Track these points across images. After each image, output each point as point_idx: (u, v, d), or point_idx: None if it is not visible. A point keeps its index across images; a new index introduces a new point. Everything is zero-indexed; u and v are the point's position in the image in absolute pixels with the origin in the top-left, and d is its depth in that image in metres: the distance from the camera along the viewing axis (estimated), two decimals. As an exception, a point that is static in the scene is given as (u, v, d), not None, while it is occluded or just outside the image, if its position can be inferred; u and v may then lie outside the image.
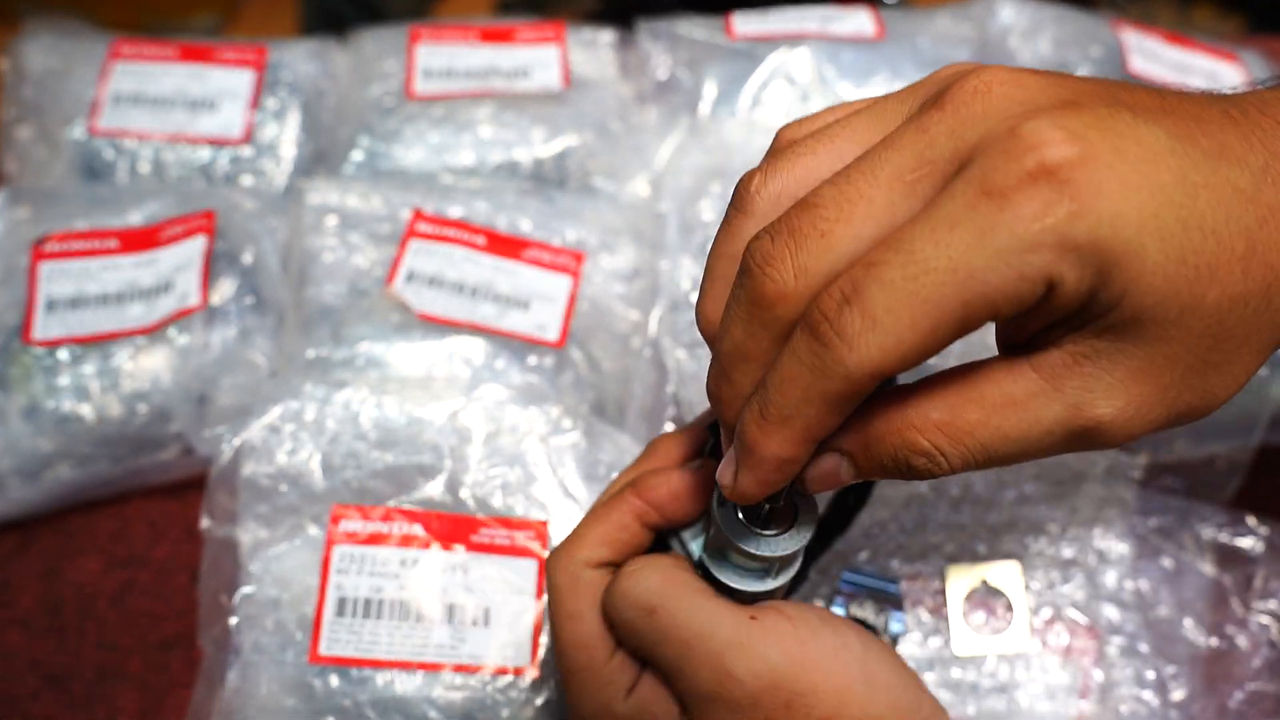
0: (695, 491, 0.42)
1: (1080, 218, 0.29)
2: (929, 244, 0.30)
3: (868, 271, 0.31)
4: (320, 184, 0.68)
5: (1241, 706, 0.54)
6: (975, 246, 0.30)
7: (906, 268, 0.30)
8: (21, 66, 0.75)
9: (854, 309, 0.31)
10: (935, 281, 0.30)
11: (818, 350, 0.32)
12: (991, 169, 0.30)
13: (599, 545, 0.42)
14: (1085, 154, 0.30)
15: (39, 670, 0.58)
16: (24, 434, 0.60)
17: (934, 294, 0.30)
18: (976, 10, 0.79)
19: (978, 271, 0.30)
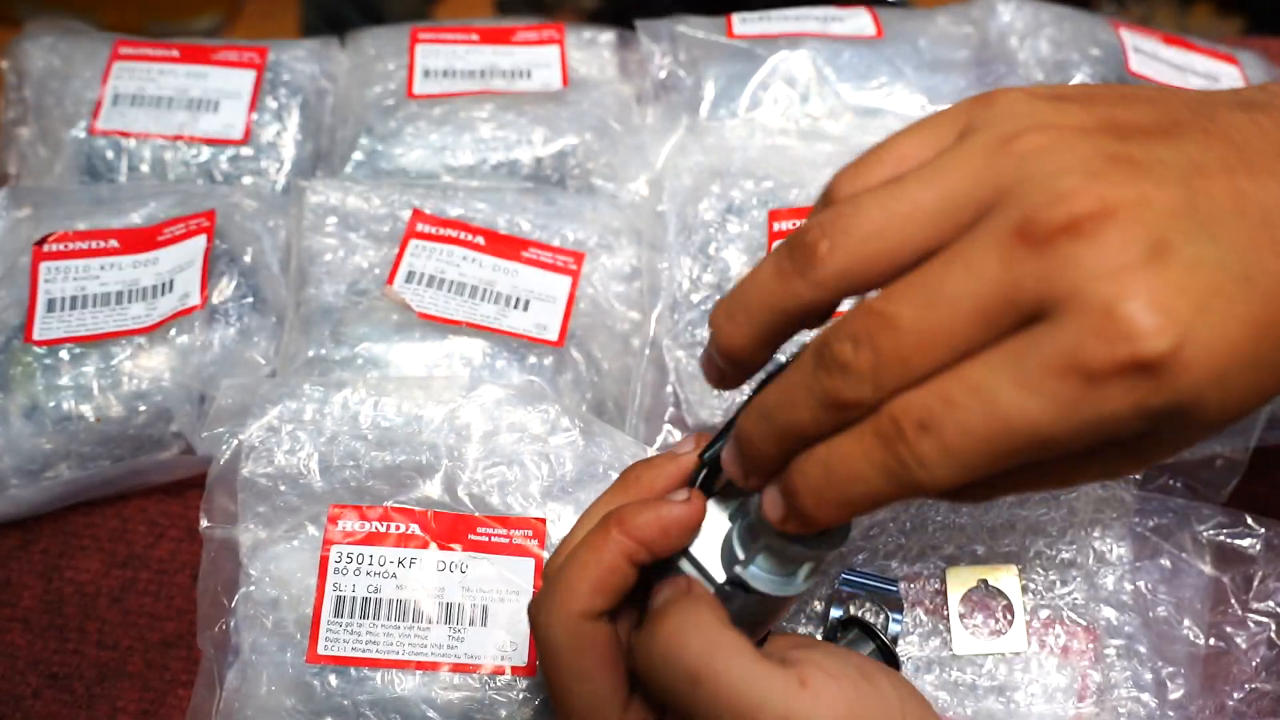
0: (686, 525, 0.40)
1: (1160, 393, 0.30)
2: (1012, 402, 0.31)
3: (947, 410, 0.32)
4: (320, 184, 0.68)
5: (1240, 706, 0.54)
6: (1056, 416, 0.31)
7: (988, 419, 0.31)
8: (22, 67, 0.75)
9: (932, 439, 0.32)
10: (1012, 432, 0.31)
11: (893, 466, 0.33)
12: (1083, 348, 0.30)
13: (594, 595, 0.39)
14: (1177, 341, 0.30)
15: (40, 669, 0.59)
16: (24, 433, 0.60)
17: (1008, 443, 0.31)
18: (976, 10, 0.79)
19: (1054, 434, 0.31)
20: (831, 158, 0.70)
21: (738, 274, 0.66)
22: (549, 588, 0.40)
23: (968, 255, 0.32)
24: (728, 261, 0.66)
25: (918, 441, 0.32)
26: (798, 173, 0.69)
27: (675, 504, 0.40)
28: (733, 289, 0.38)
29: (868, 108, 0.74)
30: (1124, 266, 0.30)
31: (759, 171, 0.69)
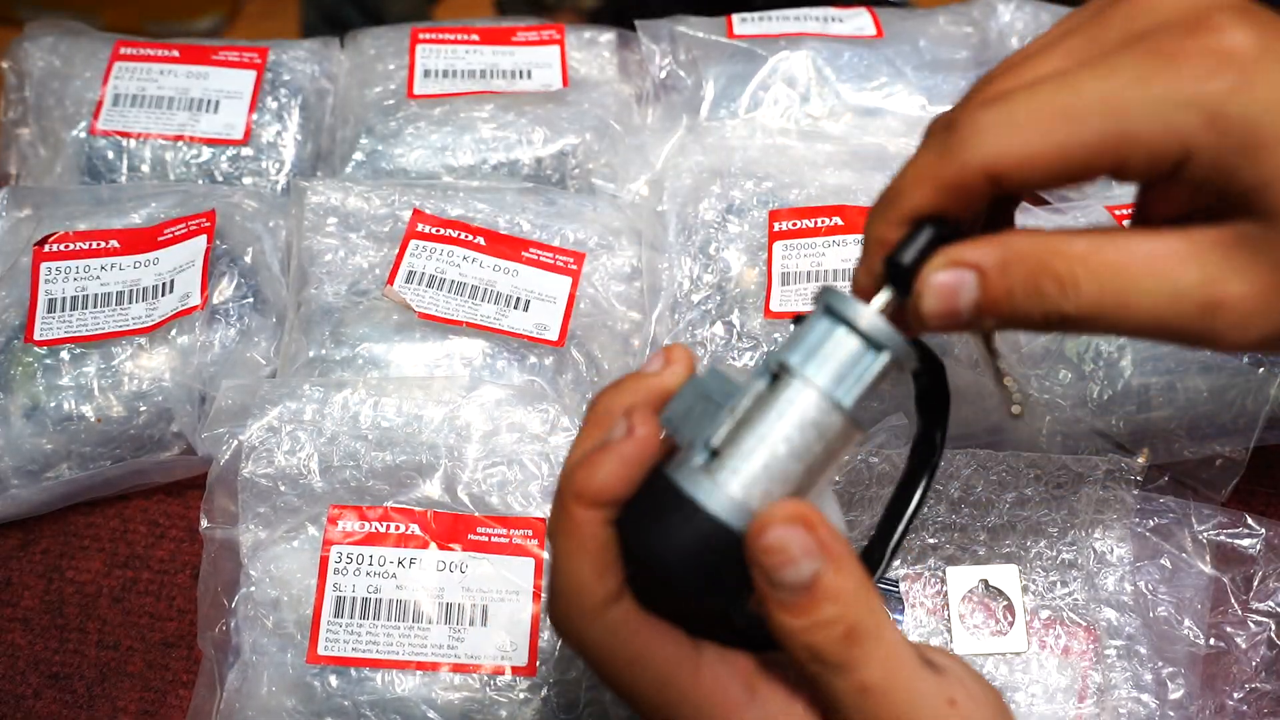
0: (644, 461, 0.35)
1: (1238, 94, 0.31)
2: (1088, 76, 0.33)
3: (1024, 87, 0.33)
4: (320, 184, 0.68)
5: (1240, 706, 0.54)
6: (1130, 87, 0.32)
7: (1060, 87, 0.33)
8: (23, 67, 0.75)
9: (994, 108, 0.33)
10: (1082, 104, 0.32)
11: (944, 136, 0.34)
12: (1167, 37, 0.32)
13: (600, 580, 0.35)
14: (1262, 46, 0.32)
15: (40, 669, 0.59)
16: (25, 433, 0.60)
17: (1078, 113, 0.32)
18: (976, 10, 0.79)
19: (1126, 110, 0.32)
20: (831, 158, 0.70)
21: (738, 274, 0.66)
22: (556, 592, 0.36)
23: (1069, 27, 0.34)
24: (728, 261, 0.66)
25: (977, 112, 0.34)
26: (798, 173, 0.69)
27: (626, 440, 0.35)
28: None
29: (868, 108, 0.74)
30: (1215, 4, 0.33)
31: (759, 171, 0.69)
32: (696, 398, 0.35)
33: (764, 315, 0.64)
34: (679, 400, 0.36)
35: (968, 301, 0.35)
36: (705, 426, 0.34)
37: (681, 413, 0.35)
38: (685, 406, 0.35)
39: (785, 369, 0.35)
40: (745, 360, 0.63)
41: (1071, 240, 0.34)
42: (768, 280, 0.65)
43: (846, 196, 0.67)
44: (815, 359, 0.35)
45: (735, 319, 0.64)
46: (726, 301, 0.65)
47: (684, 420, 0.35)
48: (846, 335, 0.35)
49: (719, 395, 0.35)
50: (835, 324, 0.35)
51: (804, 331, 0.35)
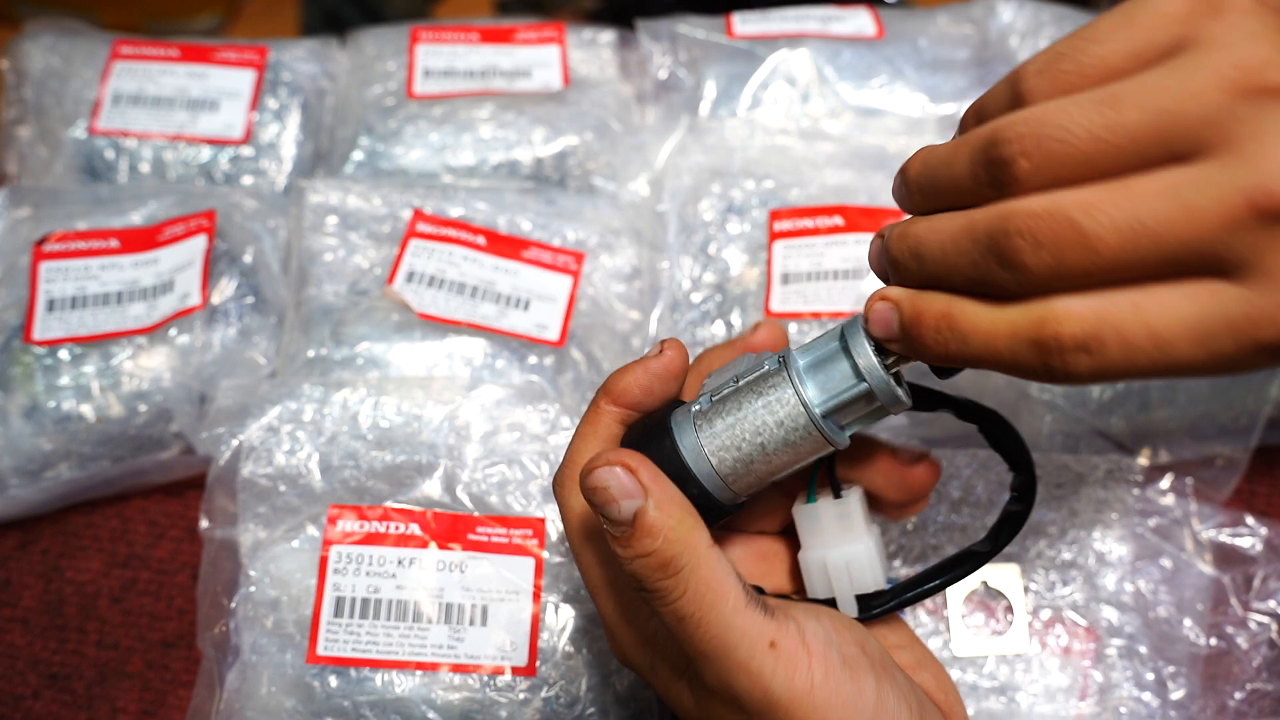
0: (673, 371, 0.41)
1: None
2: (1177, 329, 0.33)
3: (1115, 339, 0.33)
4: (320, 184, 0.68)
5: (1241, 706, 0.54)
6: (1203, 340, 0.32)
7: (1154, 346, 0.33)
8: (22, 67, 0.75)
9: (1092, 358, 0.33)
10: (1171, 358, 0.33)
11: (1035, 364, 0.35)
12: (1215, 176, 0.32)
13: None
14: None
15: (40, 669, 0.58)
16: (25, 433, 0.60)
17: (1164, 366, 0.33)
18: (976, 10, 0.79)
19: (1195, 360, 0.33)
20: (832, 157, 0.70)
21: (738, 273, 0.66)
22: (562, 465, 0.42)
23: (1187, 199, 0.31)
24: (728, 261, 0.66)
25: (1075, 359, 0.33)
26: (798, 172, 0.69)
27: (656, 357, 0.41)
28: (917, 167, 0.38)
29: (868, 107, 0.74)
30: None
31: (759, 171, 0.69)
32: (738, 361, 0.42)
33: (764, 315, 0.64)
34: (728, 367, 0.42)
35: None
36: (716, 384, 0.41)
37: (717, 373, 0.42)
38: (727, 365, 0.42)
39: (785, 362, 0.40)
40: (745, 360, 0.63)
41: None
42: (768, 280, 0.65)
43: (847, 196, 0.67)
44: (810, 364, 0.40)
45: (735, 319, 0.64)
46: (727, 301, 0.65)
47: (717, 376, 0.42)
48: (842, 358, 0.40)
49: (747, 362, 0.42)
50: (840, 345, 0.40)
51: (820, 341, 0.41)
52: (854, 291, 0.63)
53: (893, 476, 0.44)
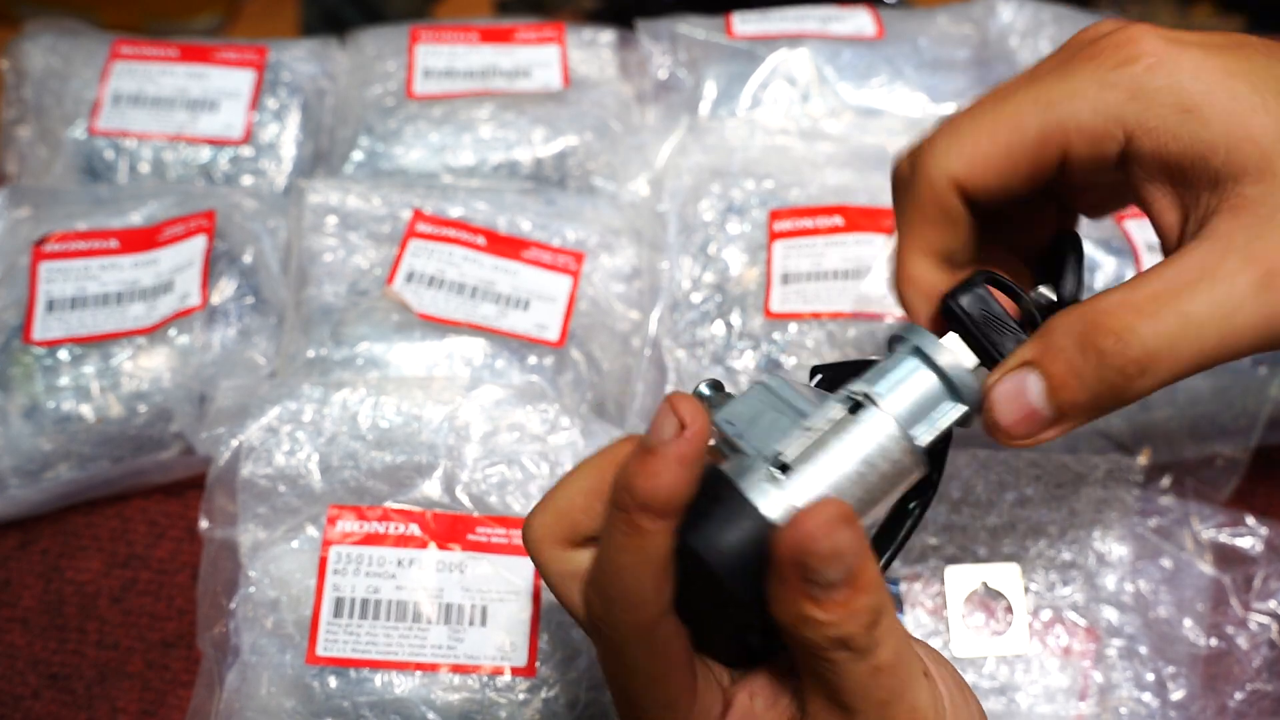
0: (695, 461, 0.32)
1: (1155, 71, 0.35)
2: (1020, 85, 0.37)
3: (963, 111, 0.38)
4: (320, 184, 0.68)
5: (1241, 707, 0.54)
6: (1058, 83, 0.36)
7: (996, 100, 0.37)
8: (22, 66, 0.75)
9: (942, 130, 0.38)
10: (1017, 107, 0.36)
11: (907, 164, 0.38)
12: (1088, 46, 0.36)
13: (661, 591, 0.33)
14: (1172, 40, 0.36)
15: (40, 669, 0.58)
16: (24, 434, 0.60)
17: (1015, 116, 0.36)
18: (976, 10, 0.79)
19: (1056, 101, 0.36)
20: (832, 157, 0.70)
21: (738, 274, 0.66)
22: (611, 600, 0.33)
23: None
24: (728, 261, 0.66)
25: (929, 137, 0.38)
26: (798, 172, 0.69)
27: (678, 442, 0.32)
28: None
29: (868, 107, 0.74)
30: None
31: (759, 171, 0.69)
32: (763, 406, 0.36)
33: (764, 315, 0.64)
34: (743, 404, 0.36)
35: (1037, 396, 0.35)
36: (774, 438, 0.34)
37: (748, 418, 0.35)
38: (751, 412, 0.35)
39: (869, 399, 0.35)
40: (745, 359, 0.63)
41: (1107, 296, 0.35)
42: (768, 280, 0.65)
43: (847, 196, 0.67)
44: (898, 395, 0.36)
45: (735, 319, 0.64)
46: (727, 301, 0.65)
47: (750, 426, 0.35)
48: (931, 379, 0.36)
49: (786, 409, 0.35)
50: (921, 365, 0.37)
51: (889, 367, 0.37)
52: (854, 291, 0.63)
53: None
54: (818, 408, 0.35)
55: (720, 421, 0.35)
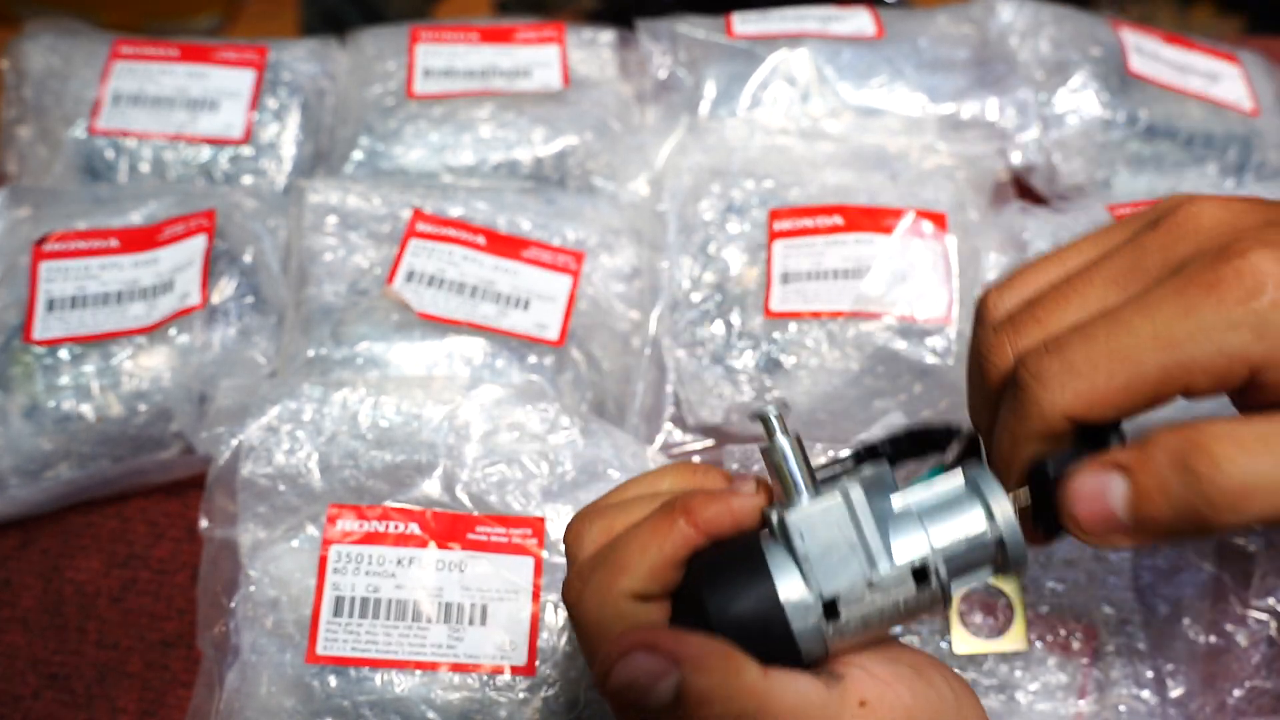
0: (753, 518, 0.38)
1: (1277, 307, 0.33)
2: (1136, 315, 0.35)
3: (1075, 332, 0.36)
4: (320, 184, 0.68)
5: (1240, 704, 0.53)
6: (1179, 320, 0.34)
7: (1112, 330, 0.35)
8: (22, 66, 0.75)
9: (1053, 357, 0.36)
10: (1137, 344, 0.35)
11: (1017, 394, 0.36)
12: (1202, 267, 0.35)
13: (651, 579, 0.37)
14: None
15: (39, 669, 0.58)
16: (24, 433, 0.60)
17: (1134, 354, 0.35)
18: (976, 10, 0.80)
19: (1179, 341, 0.34)
20: (831, 157, 0.70)
21: (738, 273, 0.66)
22: (595, 564, 0.38)
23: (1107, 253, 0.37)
24: (728, 261, 0.66)
25: (1039, 362, 0.36)
26: (798, 172, 0.69)
27: (747, 497, 0.38)
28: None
29: (868, 107, 0.74)
30: (1242, 227, 0.36)
31: (759, 171, 0.69)
32: (839, 530, 0.36)
33: (764, 315, 0.64)
34: (820, 518, 0.36)
35: (1118, 499, 0.35)
36: (837, 578, 0.36)
37: (821, 543, 0.36)
38: (826, 535, 0.36)
39: (939, 579, 0.36)
40: (745, 358, 0.63)
41: (1213, 423, 0.35)
42: (768, 279, 0.65)
43: (846, 196, 0.67)
44: (956, 564, 0.37)
45: (735, 318, 0.64)
46: (727, 301, 0.65)
47: (821, 554, 0.36)
48: (989, 549, 0.37)
49: (859, 548, 0.36)
50: (987, 534, 0.37)
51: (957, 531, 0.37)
52: (854, 291, 0.63)
53: None
54: (892, 571, 0.36)
55: (792, 528, 0.36)
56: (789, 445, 0.37)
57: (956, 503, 0.37)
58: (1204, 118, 0.75)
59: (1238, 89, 0.78)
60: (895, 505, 0.37)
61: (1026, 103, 0.74)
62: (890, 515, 0.36)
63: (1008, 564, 0.37)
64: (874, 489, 0.37)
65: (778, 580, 0.36)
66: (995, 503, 0.37)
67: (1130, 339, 0.35)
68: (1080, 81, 0.75)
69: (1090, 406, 0.35)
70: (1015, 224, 0.68)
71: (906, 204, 0.66)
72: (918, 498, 0.37)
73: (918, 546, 0.36)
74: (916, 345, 0.62)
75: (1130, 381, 0.35)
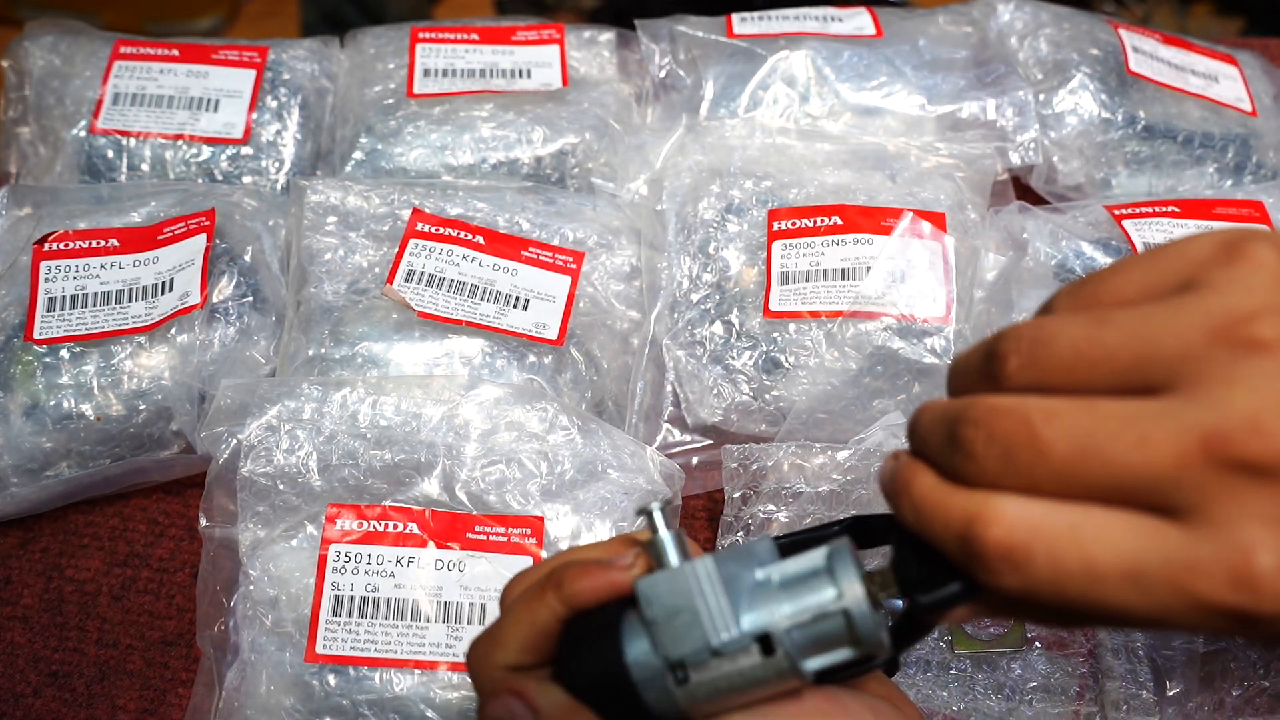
0: (624, 591, 0.38)
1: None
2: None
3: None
4: (320, 183, 0.68)
5: (1238, 703, 0.54)
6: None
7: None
8: (23, 66, 0.75)
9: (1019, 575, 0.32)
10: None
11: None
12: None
13: (522, 652, 0.39)
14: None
15: (40, 667, 0.59)
16: (25, 432, 0.60)
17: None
18: (976, 10, 0.80)
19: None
20: (831, 157, 0.70)
21: (737, 273, 0.66)
22: (483, 636, 0.41)
23: (1145, 428, 0.30)
24: (727, 261, 0.66)
25: (999, 568, 0.31)
26: (797, 172, 0.69)
27: (618, 569, 0.38)
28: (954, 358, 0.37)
29: (867, 107, 0.74)
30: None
31: (759, 171, 0.69)
32: (687, 597, 0.36)
33: (763, 314, 0.64)
34: (671, 583, 0.36)
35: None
36: (683, 643, 0.36)
37: (669, 609, 0.36)
38: (675, 600, 0.36)
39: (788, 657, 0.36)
40: (744, 358, 0.63)
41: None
42: (767, 279, 0.65)
43: (846, 196, 0.67)
44: (804, 636, 0.36)
45: (734, 318, 0.64)
46: (726, 301, 0.65)
47: (668, 620, 0.36)
48: (835, 620, 0.36)
49: (705, 616, 0.36)
50: (831, 610, 0.36)
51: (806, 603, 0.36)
52: (852, 291, 0.63)
53: None
54: (734, 637, 0.36)
55: (641, 594, 0.37)
56: (671, 538, 0.37)
57: (813, 576, 0.36)
58: (1203, 118, 0.75)
59: (1236, 90, 0.78)
60: (758, 576, 0.37)
61: (1026, 103, 0.74)
62: (750, 585, 0.36)
63: (859, 639, 0.36)
64: (737, 559, 0.37)
65: (626, 643, 0.37)
66: (845, 575, 0.36)
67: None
68: (1079, 82, 0.75)
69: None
70: (1014, 224, 0.68)
71: (905, 204, 0.66)
72: (781, 570, 0.37)
73: (765, 616, 0.36)
74: (915, 345, 0.62)
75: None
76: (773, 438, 0.62)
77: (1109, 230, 0.68)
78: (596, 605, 0.38)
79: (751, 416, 0.63)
